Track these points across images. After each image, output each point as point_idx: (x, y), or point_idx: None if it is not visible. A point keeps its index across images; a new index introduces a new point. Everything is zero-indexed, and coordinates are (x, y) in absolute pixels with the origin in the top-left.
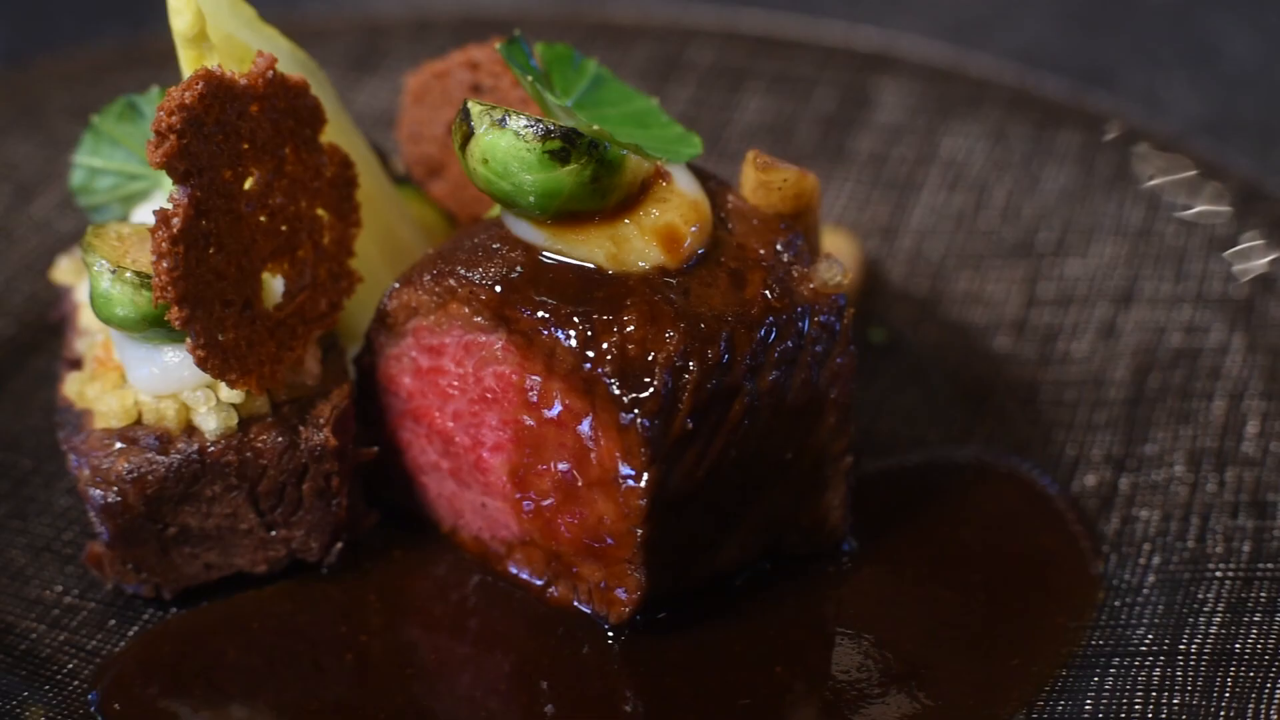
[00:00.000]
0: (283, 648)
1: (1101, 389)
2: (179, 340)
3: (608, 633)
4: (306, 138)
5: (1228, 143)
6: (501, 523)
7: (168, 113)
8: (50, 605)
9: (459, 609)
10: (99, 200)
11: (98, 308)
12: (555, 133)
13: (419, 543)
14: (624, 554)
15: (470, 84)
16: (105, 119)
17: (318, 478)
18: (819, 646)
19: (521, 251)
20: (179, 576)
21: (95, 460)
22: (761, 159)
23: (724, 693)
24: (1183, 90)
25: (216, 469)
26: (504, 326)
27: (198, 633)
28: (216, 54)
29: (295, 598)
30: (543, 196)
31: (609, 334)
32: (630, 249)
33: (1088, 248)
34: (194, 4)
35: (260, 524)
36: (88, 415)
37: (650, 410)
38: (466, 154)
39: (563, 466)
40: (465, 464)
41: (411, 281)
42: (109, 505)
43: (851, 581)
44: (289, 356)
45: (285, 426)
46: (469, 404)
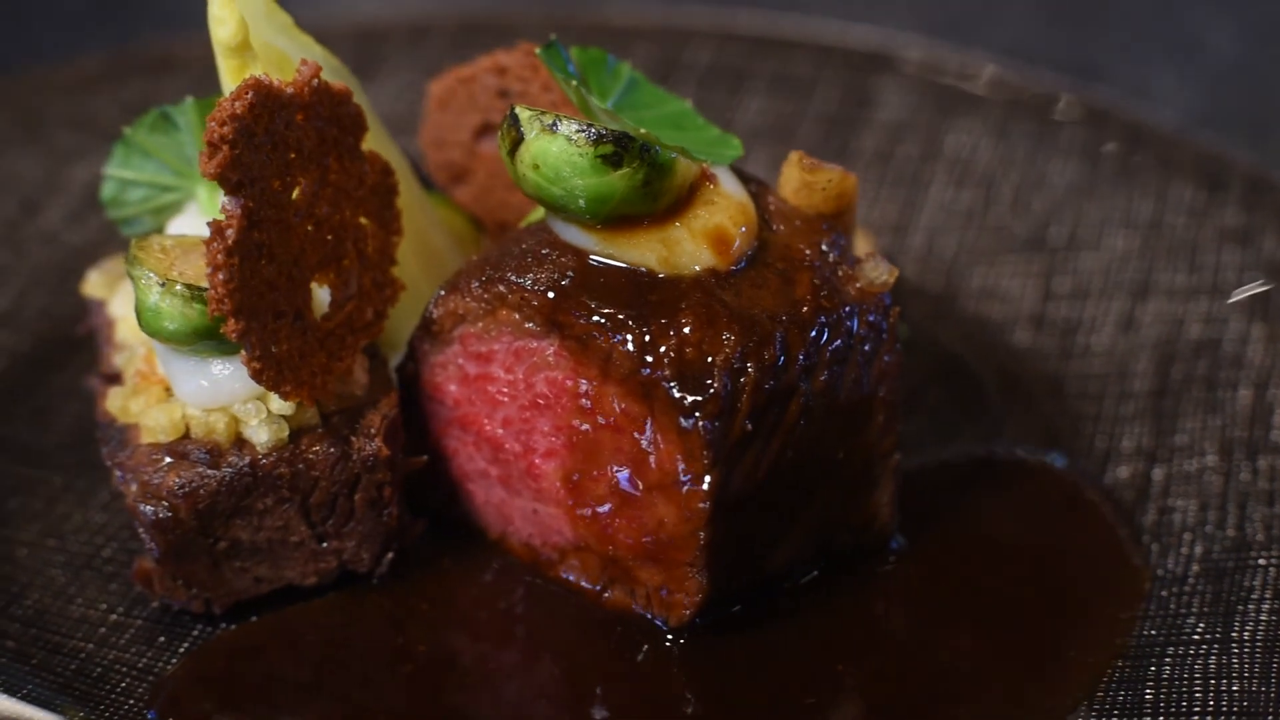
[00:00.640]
0: (337, 660)
1: (1125, 381)
2: (228, 353)
3: (666, 636)
4: (349, 146)
5: (1223, 136)
6: (554, 528)
7: (219, 123)
8: (96, 623)
9: (511, 616)
10: (130, 213)
11: (145, 321)
12: (607, 137)
13: (466, 550)
14: (685, 557)
15: (497, 89)
16: (137, 130)
17: (370, 488)
18: (878, 643)
19: (572, 256)
20: (229, 591)
21: (144, 476)
22: (807, 160)
23: (788, 692)
24: (1171, 83)
25: (269, 481)
26: (556, 332)
27: (251, 647)
28: (259, 63)
29: (346, 609)
30: (594, 201)
31: (666, 337)
32: (681, 252)
33: (1100, 241)
34: (237, 12)
35: (311, 536)
36: (132, 430)
37: (711, 412)
38: (516, 159)
39: (620, 471)
40: (516, 471)
41: (459, 288)
42: (160, 521)
43: (902, 578)
44: (338, 367)
45: (336, 437)
46: (519, 410)
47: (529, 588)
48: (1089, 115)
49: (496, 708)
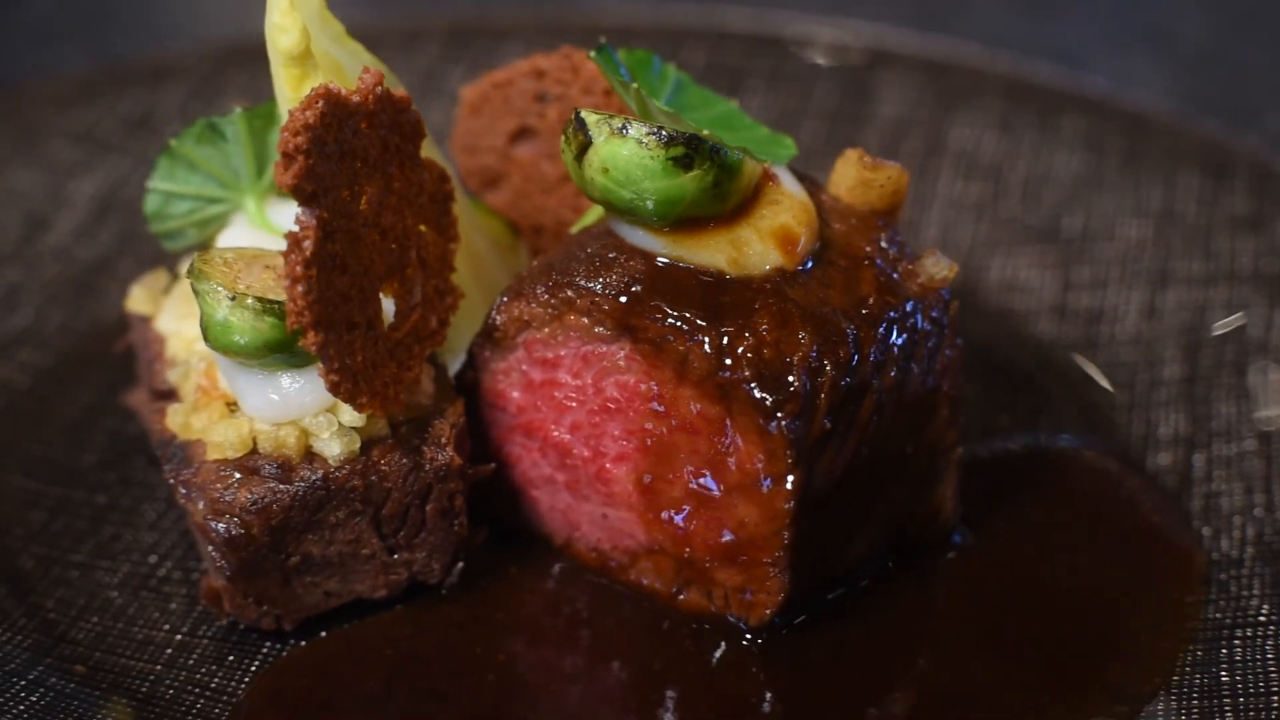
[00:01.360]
0: (411, 673)
1: (1155, 369)
2: (298, 366)
3: (744, 636)
4: (410, 153)
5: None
6: (625, 532)
7: (293, 133)
8: (162, 645)
9: (584, 622)
10: (173, 226)
11: (214, 336)
12: (679, 139)
13: (531, 557)
14: (767, 557)
15: (534, 92)
16: (183, 142)
17: (441, 498)
18: (955, 636)
19: (640, 259)
20: (300, 607)
21: (214, 493)
22: (868, 158)
23: (874, 688)
24: (1147, 72)
25: (341, 495)
26: (627, 336)
27: (323, 664)
28: (321, 72)
29: (415, 621)
30: (664, 203)
31: (743, 338)
32: (750, 252)
33: (1113, 231)
34: (300, 21)
35: (383, 548)
36: (195, 447)
37: (792, 412)
38: (584, 163)
39: (697, 473)
40: (584, 476)
41: (523, 294)
42: (233, 538)
43: (969, 570)
44: (407, 377)
45: (407, 448)
46: (588, 415)
47: (598, 592)
48: (1090, 106)
49: (578, 714)
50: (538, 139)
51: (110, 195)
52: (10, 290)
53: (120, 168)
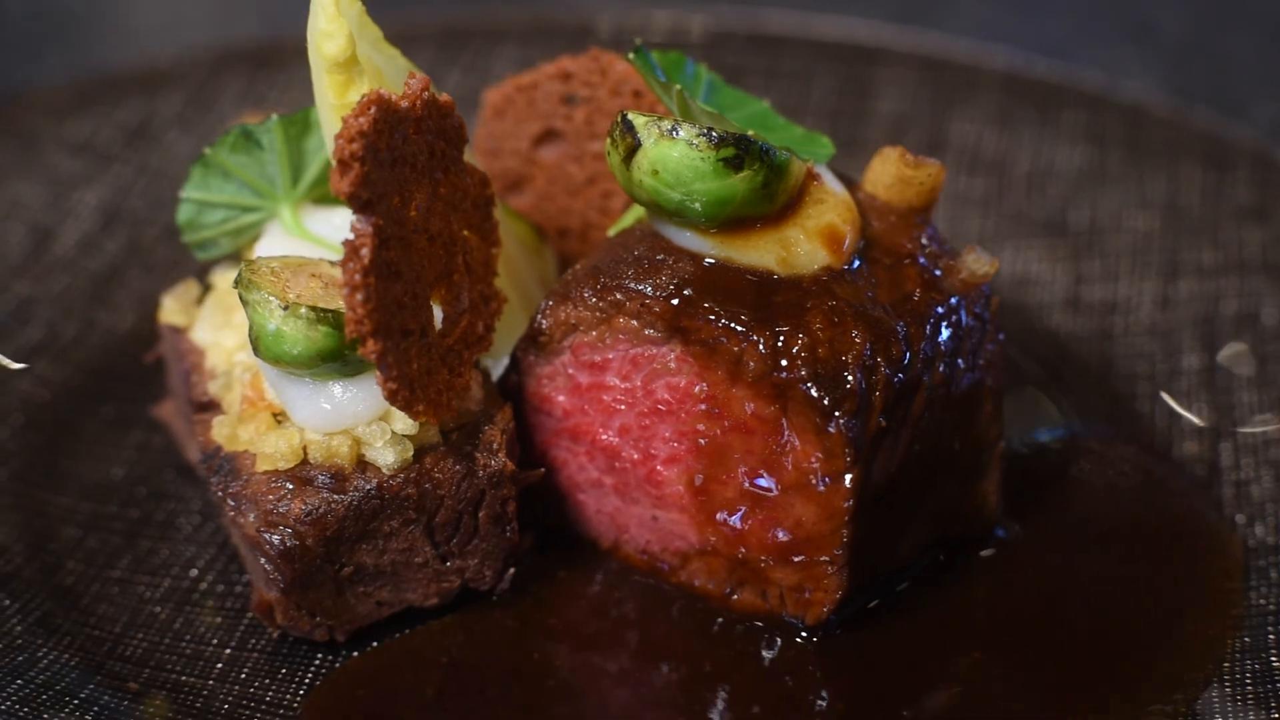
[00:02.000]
0: (468, 681)
1: (1173, 359)
2: (349, 375)
3: (799, 634)
4: (454, 159)
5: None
6: (676, 534)
7: (347, 139)
8: (212, 659)
9: (636, 624)
10: (206, 235)
11: (265, 346)
12: (729, 140)
13: (580, 561)
14: (824, 555)
15: (561, 95)
16: (218, 150)
17: (494, 504)
18: (1008, 630)
19: (690, 261)
20: (352, 617)
21: (267, 505)
22: (910, 156)
23: (931, 682)
24: (1132, 66)
25: (396, 503)
26: (678, 337)
27: (379, 674)
28: (367, 78)
29: (468, 629)
30: (714, 204)
31: (797, 338)
32: (798, 251)
33: (1120, 223)
34: (347, 27)
35: (435, 556)
36: (243, 458)
37: (850, 410)
38: (632, 166)
39: (751, 473)
40: (634, 478)
41: (570, 297)
42: (288, 550)
43: (1015, 563)
44: (459, 383)
45: (460, 454)
46: (638, 418)
47: (648, 594)
48: (1088, 100)
49: (638, 718)
50: (563, 141)
51: (114, 205)
52: (22, 303)
53: (122, 177)
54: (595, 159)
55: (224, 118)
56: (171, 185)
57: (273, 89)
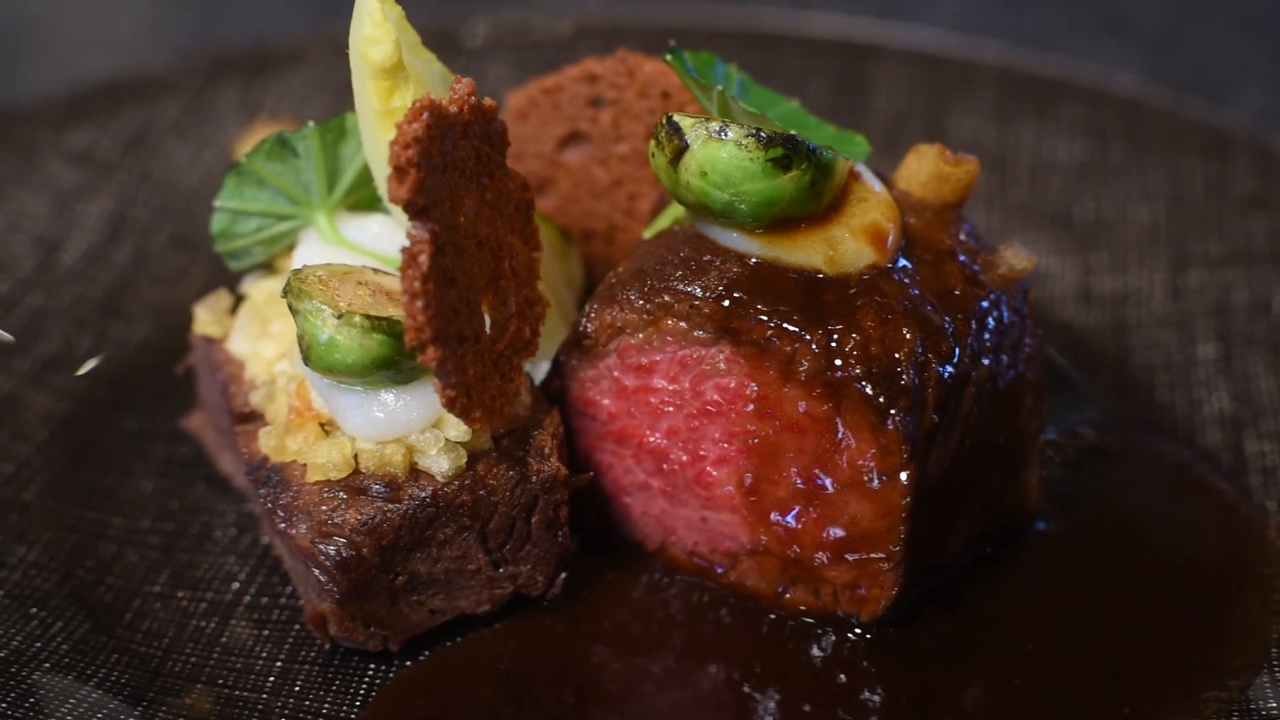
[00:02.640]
0: (524, 688)
1: (1189, 349)
2: (401, 383)
3: (852, 630)
4: (498, 163)
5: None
6: (726, 534)
7: (403, 146)
8: (263, 673)
9: (687, 626)
10: (240, 245)
11: (317, 356)
12: (777, 140)
13: (625, 564)
14: (880, 552)
15: (587, 97)
16: (254, 158)
17: (547, 509)
18: (1058, 621)
19: (737, 261)
20: (406, 626)
21: (321, 516)
22: (949, 153)
23: (989, 674)
24: (1112, 58)
25: (450, 511)
26: (728, 338)
27: (436, 684)
28: (413, 83)
29: (520, 636)
30: (762, 205)
31: (850, 337)
32: (845, 250)
33: (1125, 215)
34: (393, 33)
35: (488, 563)
36: (291, 469)
37: (904, 407)
38: (679, 167)
39: (804, 472)
40: (682, 480)
41: (615, 300)
42: (344, 560)
43: (1058, 555)
44: (510, 389)
45: (512, 460)
46: (686, 420)
47: (697, 595)
48: (1083, 93)
49: (704, 714)
50: (588, 144)
51: (119, 216)
52: (34, 316)
53: (125, 187)
54: (621, 161)
55: (222, 125)
56: (174, 194)
57: (268, 95)
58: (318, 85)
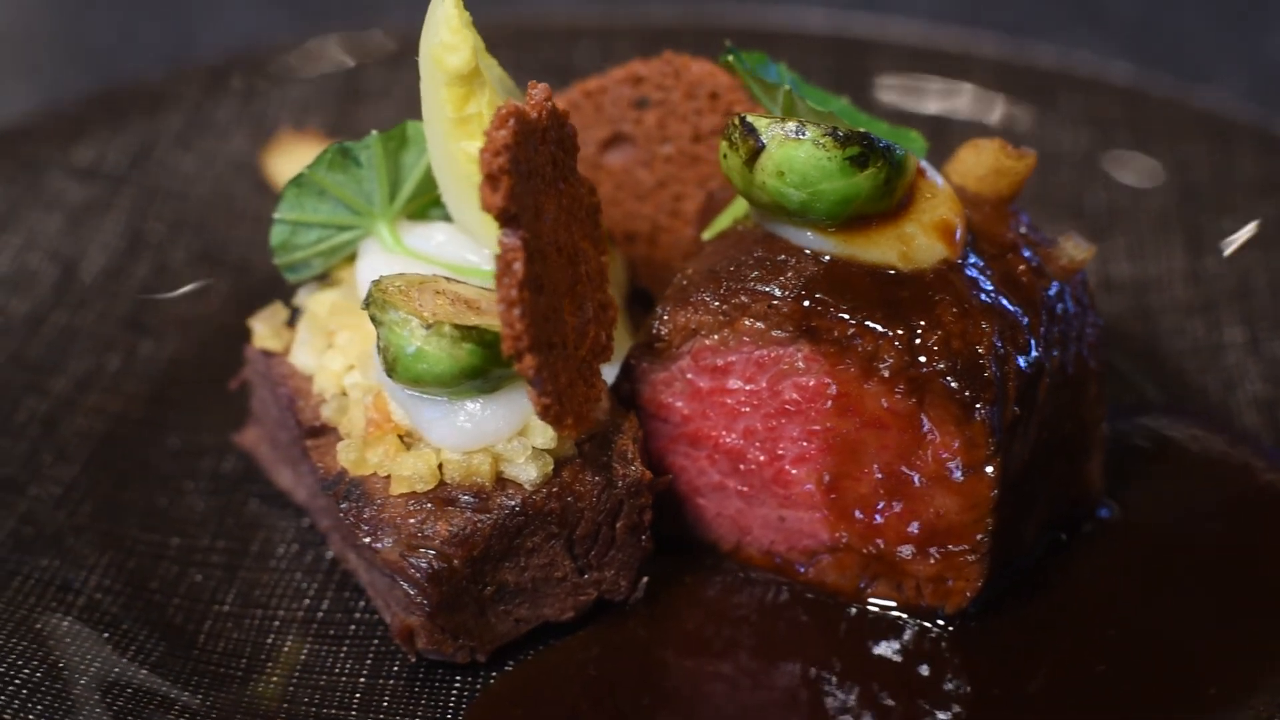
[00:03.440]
0: (615, 694)
1: (1215, 332)
2: (487, 392)
3: (935, 623)
4: (571, 168)
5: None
6: (804, 533)
7: (493, 153)
8: (348, 689)
9: (769, 625)
10: (299, 257)
11: (403, 367)
12: (854, 138)
13: (699, 566)
14: (965, 544)
15: (632, 99)
16: (316, 169)
17: (632, 513)
18: (1135, 605)
19: (812, 260)
20: (493, 637)
21: (409, 528)
22: (1010, 147)
23: (1076, 661)
24: (1091, 47)
25: (539, 519)
26: (806, 337)
27: (530, 693)
28: (488, 89)
29: (604, 642)
30: (838, 203)
31: (932, 332)
32: (918, 247)
33: (1136, 203)
34: (470, 40)
35: (574, 569)
36: (372, 482)
37: (989, 400)
38: (756, 168)
39: (886, 467)
40: (759, 480)
41: (690, 303)
42: (435, 572)
43: (1126, 540)
44: (593, 394)
45: (597, 466)
46: (764, 419)
47: (776, 595)
48: (1081, 83)
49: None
50: (633, 145)
51: (133, 231)
52: (60, 334)
53: (137, 200)
54: (666, 162)
55: (226, 135)
56: (187, 207)
57: (269, 104)
58: (316, 93)
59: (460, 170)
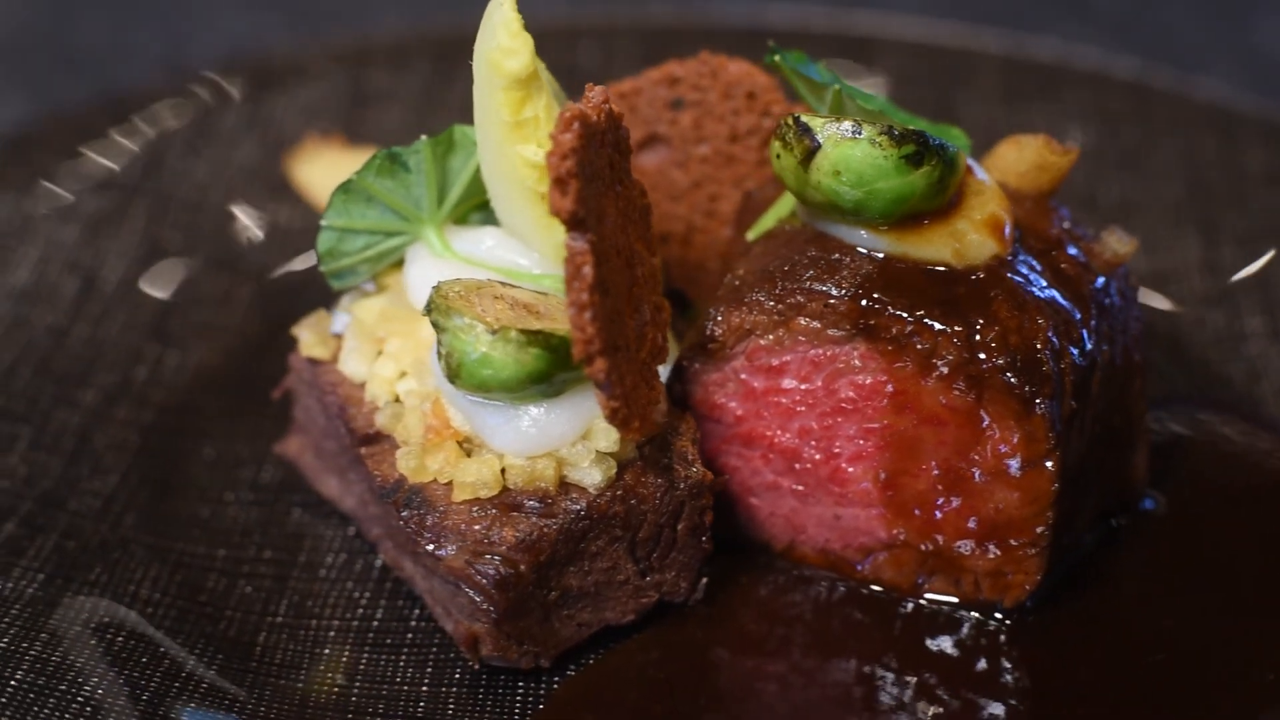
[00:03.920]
0: (680, 697)
1: (1238, 323)
2: (551, 396)
3: (993, 616)
4: (625, 169)
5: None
6: (860, 530)
7: (560, 157)
8: (411, 699)
9: (826, 623)
10: (346, 263)
11: (468, 372)
12: (909, 137)
13: (753, 565)
14: (1025, 538)
15: (667, 100)
16: (364, 175)
17: (693, 515)
18: (1189, 596)
19: (867, 259)
20: (556, 641)
21: (475, 535)
22: (1056, 144)
23: (1134, 650)
24: (1077, 40)
25: (603, 522)
26: (863, 336)
27: (597, 697)
28: (546, 93)
29: (664, 644)
30: (894, 202)
31: (990, 328)
32: (970, 243)
33: (1149, 196)
34: (530, 43)
35: (636, 572)
36: (433, 489)
37: (1048, 395)
38: (811, 168)
39: (944, 463)
40: (815, 479)
41: (744, 303)
42: (503, 579)
43: (1174, 531)
44: (654, 396)
45: (658, 467)
46: (819, 418)
47: (832, 593)
48: (1084, 78)
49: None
50: (667, 146)
51: (150, 239)
52: (85, 346)
53: (152, 209)
54: (702, 162)
55: (235, 141)
56: (201, 214)
57: (275, 109)
58: (321, 97)
59: (515, 175)
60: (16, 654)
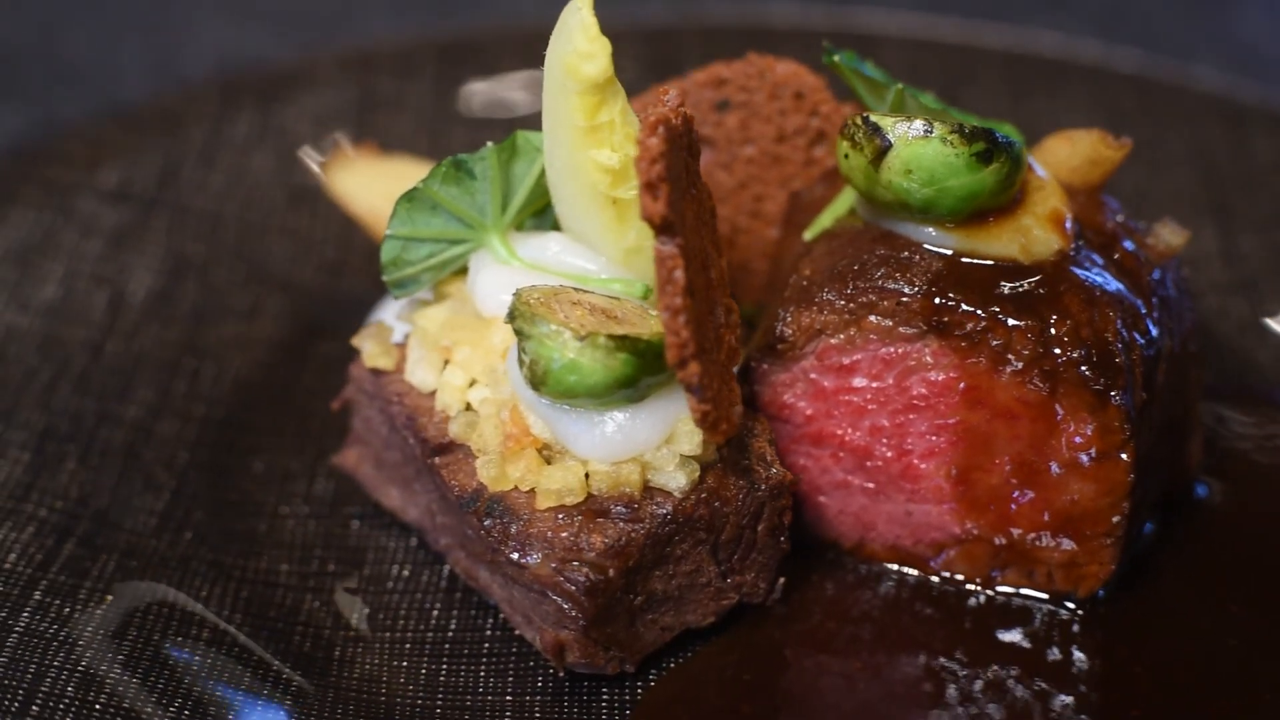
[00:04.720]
0: (765, 698)
1: (1260, 307)
2: (636, 401)
3: (1065, 606)
4: (696, 172)
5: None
6: (932, 525)
7: (649, 162)
8: (497, 709)
9: (902, 620)
10: (410, 272)
11: (554, 379)
12: (979, 135)
13: (823, 564)
14: (1100, 529)
15: (713, 101)
16: (429, 183)
17: (773, 516)
18: (1256, 581)
19: (936, 257)
20: (640, 646)
21: (563, 542)
22: (1111, 137)
23: (1208, 635)
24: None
25: (689, 526)
26: (935, 333)
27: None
28: (622, 97)
29: (744, 646)
30: (964, 199)
31: (1062, 322)
32: (1036, 239)
33: (1162, 186)
34: (608, 47)
35: (718, 574)
36: (514, 497)
37: (1122, 386)
38: (882, 167)
39: (1018, 457)
40: (886, 476)
41: (814, 303)
42: (593, 585)
43: (1234, 516)
44: (735, 398)
45: (739, 469)
46: (891, 416)
47: (904, 589)
48: (1087, 72)
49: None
50: (713, 148)
51: (173, 251)
52: (121, 361)
53: (172, 222)
54: (748, 163)
55: (248, 152)
56: (221, 226)
57: (285, 119)
58: (331, 106)
59: (587, 179)
60: (96, 679)
